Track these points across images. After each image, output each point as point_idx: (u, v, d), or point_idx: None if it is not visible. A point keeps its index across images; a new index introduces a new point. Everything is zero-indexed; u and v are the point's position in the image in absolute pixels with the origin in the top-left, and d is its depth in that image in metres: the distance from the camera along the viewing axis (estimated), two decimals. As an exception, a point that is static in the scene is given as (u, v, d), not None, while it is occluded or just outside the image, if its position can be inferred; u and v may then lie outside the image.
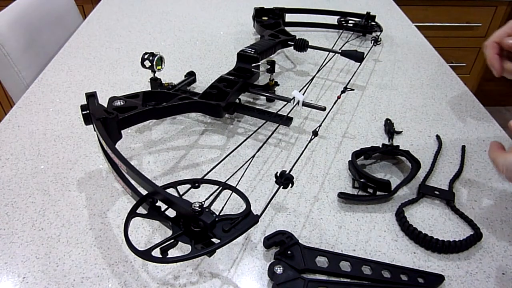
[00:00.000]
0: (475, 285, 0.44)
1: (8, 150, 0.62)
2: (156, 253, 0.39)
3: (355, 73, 0.83)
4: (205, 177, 0.48)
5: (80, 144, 0.63)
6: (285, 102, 0.66)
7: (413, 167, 0.58)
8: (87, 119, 0.54)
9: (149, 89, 0.72)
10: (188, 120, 0.69)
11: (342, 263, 0.45)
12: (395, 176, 0.59)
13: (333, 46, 0.92)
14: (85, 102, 0.55)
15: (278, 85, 0.75)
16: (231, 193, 0.47)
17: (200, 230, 0.40)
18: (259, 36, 0.92)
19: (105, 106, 0.57)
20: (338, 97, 0.68)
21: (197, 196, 0.53)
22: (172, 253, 0.40)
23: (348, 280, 0.44)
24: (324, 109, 0.63)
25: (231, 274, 0.45)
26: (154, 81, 0.71)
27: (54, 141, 0.64)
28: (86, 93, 0.56)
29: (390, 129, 0.66)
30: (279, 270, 0.43)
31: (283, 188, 0.48)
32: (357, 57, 0.79)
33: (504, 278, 0.45)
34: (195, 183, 0.48)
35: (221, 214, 0.43)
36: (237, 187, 0.47)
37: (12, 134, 0.65)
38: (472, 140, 0.66)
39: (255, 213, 0.43)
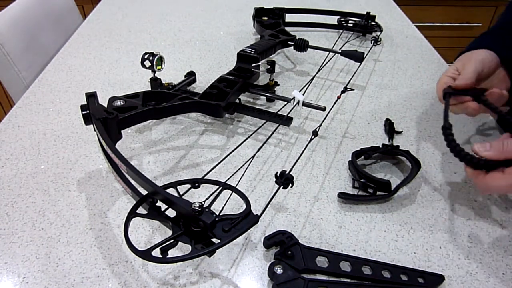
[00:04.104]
0: (475, 285, 0.44)
1: (8, 150, 0.62)
2: (156, 253, 0.39)
3: (355, 73, 0.83)
4: (205, 177, 0.48)
5: (80, 144, 0.63)
6: (285, 102, 0.66)
7: (413, 167, 0.58)
8: (87, 119, 0.54)
9: (149, 89, 0.72)
10: (188, 120, 0.69)
11: (342, 263, 0.45)
12: (395, 176, 0.59)
13: (333, 46, 0.92)
14: (85, 102, 0.55)
15: (278, 85, 0.75)
16: (231, 193, 0.47)
17: (200, 230, 0.40)
18: (259, 36, 0.92)
19: (105, 106, 0.57)
20: (338, 97, 0.68)
21: (197, 196, 0.53)
22: (172, 253, 0.40)
23: (348, 280, 0.44)
24: (324, 109, 0.63)
25: (231, 274, 0.45)
26: (154, 81, 0.71)
27: (54, 141, 0.64)
28: (86, 93, 0.56)
29: (390, 129, 0.66)
30: (279, 270, 0.43)
31: (283, 188, 0.48)
32: (357, 57, 0.79)
33: (504, 278, 0.45)
34: (195, 183, 0.48)
35: (221, 214, 0.43)
36: (237, 187, 0.47)
37: (12, 134, 0.65)
38: (472, 140, 0.66)
39: (255, 213, 0.43)
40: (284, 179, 0.47)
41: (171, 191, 0.44)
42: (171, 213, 0.43)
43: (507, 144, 0.44)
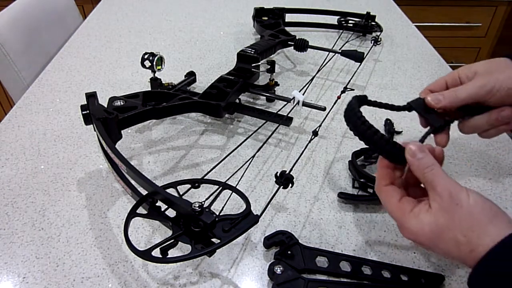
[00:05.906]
0: (475, 285, 0.44)
1: (8, 150, 0.62)
2: (156, 253, 0.39)
3: (355, 73, 0.83)
4: (205, 177, 0.48)
5: (80, 144, 0.63)
6: (285, 102, 0.66)
7: (413, 167, 0.58)
8: (87, 119, 0.54)
9: (149, 89, 0.72)
10: (188, 120, 0.69)
11: (342, 263, 0.45)
12: (395, 176, 0.58)
13: (333, 46, 0.92)
14: (85, 102, 0.55)
15: (278, 85, 0.75)
16: (231, 193, 0.47)
17: (200, 230, 0.40)
18: (259, 36, 0.92)
19: (105, 106, 0.57)
20: (338, 97, 0.67)
21: (197, 196, 0.53)
22: (172, 253, 0.40)
23: (348, 280, 0.44)
24: (324, 109, 0.63)
25: (231, 274, 0.45)
26: (154, 81, 0.71)
27: (54, 141, 0.64)
28: (86, 93, 0.56)
29: (390, 129, 0.66)
30: (279, 270, 0.43)
31: (283, 188, 0.48)
32: (357, 57, 0.79)
33: (504, 278, 0.45)
34: (195, 183, 0.48)
35: (221, 214, 0.43)
36: (237, 187, 0.47)
37: (12, 134, 0.65)
38: (473, 140, 0.66)
39: (255, 213, 0.43)
40: (284, 179, 0.47)
41: (171, 191, 0.44)
42: (171, 213, 0.43)
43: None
